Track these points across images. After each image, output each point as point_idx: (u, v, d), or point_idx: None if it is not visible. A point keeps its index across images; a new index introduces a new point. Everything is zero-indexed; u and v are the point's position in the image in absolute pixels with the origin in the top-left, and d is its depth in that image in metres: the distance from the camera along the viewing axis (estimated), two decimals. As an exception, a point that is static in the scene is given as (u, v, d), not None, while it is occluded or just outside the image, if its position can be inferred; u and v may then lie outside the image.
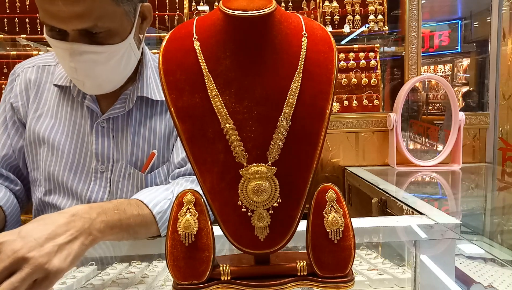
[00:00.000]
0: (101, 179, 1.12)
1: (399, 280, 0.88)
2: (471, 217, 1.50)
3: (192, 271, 0.61)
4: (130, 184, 1.13)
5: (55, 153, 1.12)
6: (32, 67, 1.19)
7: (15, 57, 2.33)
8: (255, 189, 0.59)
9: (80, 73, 1.00)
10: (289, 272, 0.64)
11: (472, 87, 2.92)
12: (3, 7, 2.32)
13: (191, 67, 0.60)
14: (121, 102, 1.12)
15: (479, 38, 2.87)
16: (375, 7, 2.41)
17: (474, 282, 0.90)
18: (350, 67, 2.44)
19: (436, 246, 1.12)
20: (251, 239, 0.62)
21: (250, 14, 0.57)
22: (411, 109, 2.41)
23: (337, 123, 2.30)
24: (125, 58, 1.05)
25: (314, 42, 0.63)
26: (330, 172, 2.33)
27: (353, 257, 0.63)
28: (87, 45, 0.95)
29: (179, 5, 2.40)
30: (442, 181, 2.03)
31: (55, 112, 1.15)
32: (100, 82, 1.04)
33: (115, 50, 1.00)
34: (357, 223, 1.15)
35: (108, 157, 1.12)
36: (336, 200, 0.62)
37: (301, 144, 0.61)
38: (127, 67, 1.08)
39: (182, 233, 0.61)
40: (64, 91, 1.15)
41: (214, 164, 0.61)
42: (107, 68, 1.01)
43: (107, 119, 1.12)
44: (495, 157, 2.34)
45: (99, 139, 1.11)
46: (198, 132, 0.60)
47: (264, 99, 0.60)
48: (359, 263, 0.98)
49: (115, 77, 1.07)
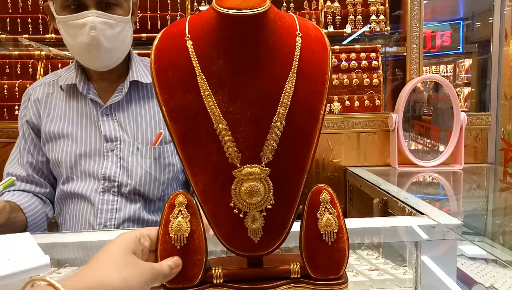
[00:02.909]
0: (112, 157, 1.28)
1: (400, 280, 0.88)
2: (472, 218, 1.50)
3: (183, 274, 0.61)
4: (140, 157, 1.28)
5: (70, 143, 1.29)
6: (39, 86, 1.38)
7: (17, 57, 2.33)
8: (249, 191, 0.58)
9: (98, 37, 1.17)
10: (283, 274, 0.63)
11: (474, 87, 2.90)
12: (5, 7, 2.32)
13: (184, 66, 0.59)
14: (118, 91, 1.30)
15: (481, 39, 2.86)
16: (376, 7, 2.40)
17: (475, 283, 0.90)
18: (352, 68, 2.42)
19: (437, 247, 1.12)
20: (244, 241, 0.61)
21: (244, 13, 0.56)
22: (413, 110, 2.39)
23: (339, 123, 2.29)
24: (126, 34, 1.25)
25: (308, 42, 0.62)
26: (331, 173, 2.33)
27: (347, 259, 0.62)
28: (103, 12, 1.18)
29: (180, 5, 2.39)
30: (444, 181, 2.02)
31: (65, 112, 1.32)
32: (110, 48, 1.22)
33: (121, 20, 1.22)
34: (359, 224, 1.15)
35: (116, 137, 1.28)
36: (330, 201, 0.61)
37: (295, 145, 0.60)
38: (124, 43, 1.27)
39: (174, 235, 0.60)
40: (70, 91, 1.33)
41: (207, 165, 0.60)
42: (115, 34, 1.21)
43: (109, 106, 1.29)
44: (497, 157, 2.33)
45: (105, 123, 1.28)
46: (191, 133, 0.59)
47: (258, 99, 0.59)
48: (360, 263, 0.98)
49: (118, 48, 1.25)
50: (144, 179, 1.27)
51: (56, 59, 2.41)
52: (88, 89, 1.31)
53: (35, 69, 2.34)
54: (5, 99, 2.28)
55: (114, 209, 1.25)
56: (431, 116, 2.37)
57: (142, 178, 1.27)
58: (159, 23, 2.39)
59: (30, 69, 2.34)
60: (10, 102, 2.27)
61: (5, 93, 2.28)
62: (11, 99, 2.28)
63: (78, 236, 1.11)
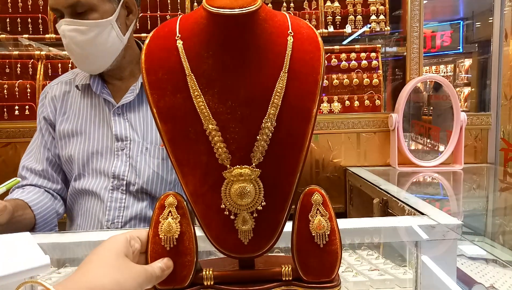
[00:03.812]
0: (122, 156, 1.30)
1: (400, 280, 0.88)
2: (472, 218, 1.49)
3: (174, 276, 0.60)
4: (149, 157, 1.30)
5: (83, 140, 1.32)
6: (57, 84, 1.42)
7: (17, 57, 2.33)
8: (239, 192, 0.58)
9: (69, 45, 1.21)
10: (274, 277, 0.62)
11: (474, 87, 2.90)
12: (5, 7, 2.32)
13: (174, 66, 0.59)
14: (130, 91, 1.32)
15: (481, 39, 2.85)
16: (376, 7, 2.39)
17: (475, 283, 0.90)
18: (352, 67, 2.42)
19: (437, 247, 1.11)
20: (235, 243, 0.61)
21: (236, 11, 0.55)
22: (413, 110, 2.39)
23: (339, 123, 2.28)
24: (108, 37, 1.23)
25: (301, 41, 0.61)
26: (331, 173, 2.32)
27: (340, 261, 0.61)
28: (72, 20, 1.19)
29: (180, 5, 2.39)
30: (444, 181, 2.01)
31: (79, 110, 1.35)
32: (86, 54, 1.23)
33: (95, 25, 1.20)
34: (359, 224, 1.14)
35: (126, 136, 1.30)
36: (322, 203, 0.61)
37: (287, 145, 0.59)
38: (107, 46, 1.24)
39: (164, 237, 0.60)
40: (86, 90, 1.36)
41: (197, 166, 0.59)
42: (89, 39, 1.20)
43: (121, 106, 1.31)
44: (497, 157, 2.32)
45: (117, 123, 1.31)
46: (180, 133, 0.59)
47: (249, 99, 0.58)
48: (360, 263, 0.98)
49: (98, 52, 1.24)
50: (152, 179, 1.29)
51: (56, 59, 2.40)
52: (102, 89, 1.34)
53: (35, 69, 2.34)
54: (5, 99, 2.27)
55: (122, 207, 1.28)
56: (431, 116, 2.37)
57: (149, 178, 1.29)
58: (159, 23, 2.38)
59: (30, 69, 2.34)
60: (10, 102, 2.27)
61: (5, 93, 2.28)
62: (11, 99, 2.27)
63: (78, 236, 1.10)
